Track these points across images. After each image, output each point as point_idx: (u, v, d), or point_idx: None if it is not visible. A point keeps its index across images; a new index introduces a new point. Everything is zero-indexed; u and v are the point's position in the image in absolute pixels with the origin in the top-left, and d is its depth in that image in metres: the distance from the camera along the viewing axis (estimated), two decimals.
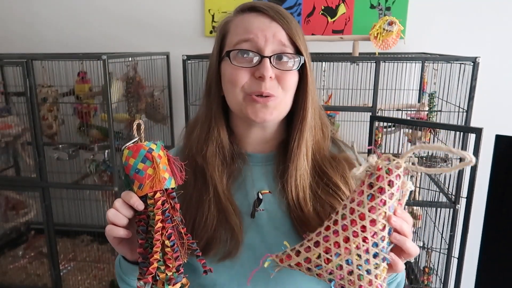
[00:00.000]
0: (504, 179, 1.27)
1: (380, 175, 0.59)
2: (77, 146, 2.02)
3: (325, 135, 0.82)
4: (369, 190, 0.59)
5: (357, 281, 0.59)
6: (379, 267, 0.59)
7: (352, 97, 2.00)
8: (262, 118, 0.74)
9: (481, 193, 1.40)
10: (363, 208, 0.59)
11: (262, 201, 0.79)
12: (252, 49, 0.73)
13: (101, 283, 2.11)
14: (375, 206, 0.58)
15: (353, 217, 0.59)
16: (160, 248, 0.62)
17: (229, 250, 0.74)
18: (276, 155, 0.82)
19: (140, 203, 0.62)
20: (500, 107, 2.03)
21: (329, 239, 0.61)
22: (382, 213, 0.59)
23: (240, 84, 0.73)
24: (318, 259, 0.61)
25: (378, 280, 0.60)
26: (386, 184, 0.58)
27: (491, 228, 1.31)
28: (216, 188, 0.77)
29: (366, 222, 0.59)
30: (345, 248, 0.59)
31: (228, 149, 0.80)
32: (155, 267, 0.61)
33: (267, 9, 0.74)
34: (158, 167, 0.62)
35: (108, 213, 0.63)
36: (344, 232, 0.60)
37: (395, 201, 0.60)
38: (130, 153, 0.63)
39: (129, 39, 2.25)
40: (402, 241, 0.60)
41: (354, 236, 0.59)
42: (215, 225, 0.75)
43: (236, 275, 0.75)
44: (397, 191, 0.59)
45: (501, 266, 1.31)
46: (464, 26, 2.00)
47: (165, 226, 0.62)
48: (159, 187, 0.62)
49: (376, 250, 0.59)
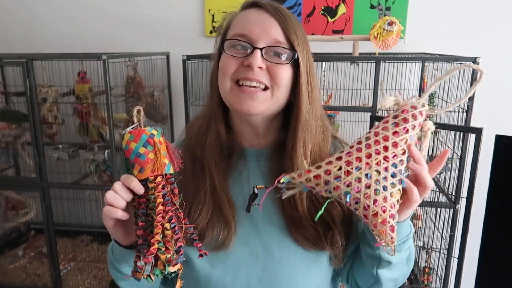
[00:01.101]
0: (504, 179, 1.27)
1: (405, 109, 0.64)
2: (77, 146, 2.02)
3: (326, 138, 0.82)
4: (394, 120, 0.64)
5: (373, 195, 0.62)
6: (395, 186, 0.62)
7: (352, 97, 2.00)
8: (247, 109, 0.74)
9: (481, 193, 1.40)
10: (387, 131, 0.63)
11: (257, 195, 0.80)
12: (246, 40, 0.74)
13: (101, 283, 2.11)
14: (399, 132, 0.63)
15: (377, 138, 0.64)
16: (161, 229, 0.62)
17: (222, 240, 0.75)
18: (272, 151, 0.82)
19: (140, 186, 0.63)
20: (500, 107, 2.03)
21: (351, 154, 0.64)
22: (404, 139, 0.63)
23: (229, 72, 0.75)
24: (338, 171, 0.63)
25: (393, 198, 0.63)
26: (410, 116, 0.63)
27: (491, 228, 1.31)
28: (213, 179, 0.78)
29: (389, 143, 0.62)
30: (366, 163, 0.62)
31: (226, 143, 0.81)
32: (156, 247, 0.61)
33: (266, 5, 0.76)
34: (159, 152, 0.63)
35: (107, 194, 0.64)
36: (367, 149, 0.63)
37: (416, 135, 0.64)
38: (132, 137, 0.64)
39: (129, 39, 2.25)
40: (419, 170, 0.63)
41: (376, 153, 0.63)
42: (210, 215, 0.76)
43: (230, 268, 0.76)
44: (419, 126, 0.64)
45: (501, 266, 1.31)
46: (464, 26, 2.00)
47: (166, 209, 0.63)
48: (160, 172, 0.64)
49: (395, 170, 0.62)
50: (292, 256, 0.76)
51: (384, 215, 0.62)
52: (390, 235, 0.63)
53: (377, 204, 0.62)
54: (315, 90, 0.79)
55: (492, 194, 1.29)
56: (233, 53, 0.75)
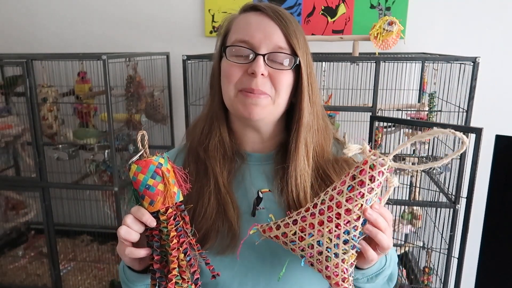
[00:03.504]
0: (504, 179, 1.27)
1: (364, 169, 0.62)
2: (77, 146, 2.02)
3: (327, 138, 0.82)
4: (351, 182, 0.63)
5: (324, 261, 0.64)
6: (347, 252, 0.64)
7: (352, 97, 2.00)
8: (250, 114, 0.74)
9: (481, 193, 1.40)
10: (341, 197, 0.63)
11: (262, 199, 0.79)
12: (248, 46, 0.74)
13: (101, 283, 2.11)
14: (353, 197, 0.62)
15: (331, 203, 0.64)
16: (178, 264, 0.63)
17: (226, 244, 0.75)
18: (275, 155, 0.82)
19: (152, 219, 0.63)
20: (500, 107, 2.03)
21: (306, 219, 0.66)
22: (358, 204, 0.62)
23: (234, 80, 0.75)
24: (293, 235, 0.66)
25: (345, 264, 0.64)
26: (367, 178, 0.62)
27: (491, 228, 1.31)
28: (217, 180, 0.78)
29: (341, 210, 0.63)
30: (318, 230, 0.64)
31: (229, 146, 0.81)
32: (174, 282, 0.62)
33: (266, 9, 0.75)
34: (169, 182, 0.62)
35: (120, 230, 0.63)
36: (320, 215, 0.64)
37: (374, 195, 0.63)
38: (139, 169, 0.62)
39: (129, 39, 2.25)
40: (374, 233, 0.63)
41: (328, 221, 0.63)
42: (214, 217, 0.76)
43: (237, 274, 0.75)
44: (377, 187, 0.63)
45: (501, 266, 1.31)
46: (464, 26, 2.00)
47: (180, 241, 0.63)
48: (171, 203, 0.63)
49: (347, 237, 0.63)
50: (298, 260, 0.76)
51: (336, 278, 0.64)
52: None
53: (329, 269, 0.64)
54: (316, 91, 0.79)
55: (492, 194, 1.29)
56: (235, 59, 0.75)
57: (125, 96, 2.01)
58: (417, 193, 1.86)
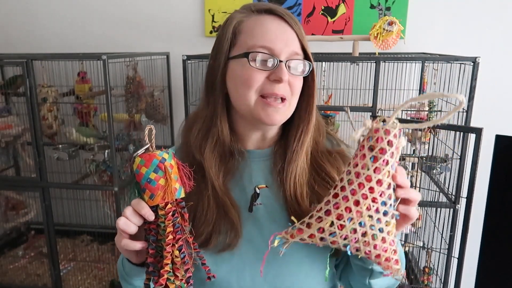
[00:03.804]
0: (504, 179, 1.27)
1: (379, 136, 0.61)
2: (77, 146, 2.02)
3: (321, 132, 0.85)
4: (371, 153, 0.61)
5: (371, 240, 0.61)
6: (389, 224, 0.62)
7: (352, 97, 2.00)
8: (272, 121, 0.76)
9: (481, 193, 1.40)
10: (368, 170, 0.61)
11: (259, 195, 0.80)
12: (270, 53, 0.74)
13: (101, 283, 2.11)
14: (379, 167, 0.60)
15: (360, 180, 0.61)
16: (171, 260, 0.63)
17: (228, 242, 0.76)
18: (274, 151, 0.83)
19: (151, 213, 0.63)
20: (500, 107, 2.03)
21: (339, 205, 0.62)
22: (386, 172, 0.61)
23: (255, 86, 0.75)
24: (331, 227, 0.62)
25: (391, 236, 0.62)
26: (386, 144, 0.60)
27: (491, 228, 1.31)
28: (214, 183, 0.79)
29: (373, 183, 0.61)
30: (356, 211, 0.61)
31: (228, 146, 0.81)
32: (166, 278, 0.62)
33: (284, 14, 0.76)
34: (170, 178, 0.63)
35: (119, 221, 0.64)
36: (353, 196, 0.61)
37: (395, 159, 0.62)
38: (143, 162, 0.63)
39: (129, 39, 2.25)
40: (407, 193, 0.63)
41: (364, 198, 0.61)
42: (215, 219, 0.77)
43: (235, 268, 0.76)
44: (396, 149, 0.61)
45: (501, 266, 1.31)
46: (464, 26, 2.00)
47: (176, 237, 0.63)
48: (171, 199, 0.63)
49: (385, 208, 0.61)
50: (295, 253, 0.76)
51: (386, 254, 0.63)
52: (396, 267, 0.64)
53: (377, 247, 0.62)
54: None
55: (492, 194, 1.29)
56: (258, 66, 0.74)
57: (125, 96, 2.01)
58: None
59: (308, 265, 0.77)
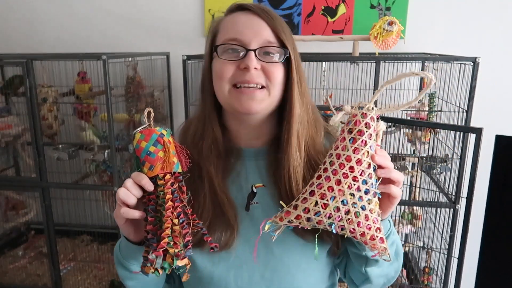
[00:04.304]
0: (504, 179, 1.27)
1: (357, 120, 0.66)
2: (77, 146, 2.02)
3: (318, 130, 0.85)
4: (350, 135, 0.66)
5: (354, 218, 0.64)
6: (371, 202, 0.65)
7: (352, 97, 2.00)
8: (247, 109, 0.76)
9: (481, 193, 1.40)
10: (347, 151, 0.65)
11: (256, 194, 0.81)
12: (239, 43, 0.76)
13: (101, 283, 2.11)
14: (358, 147, 0.65)
15: (340, 161, 0.65)
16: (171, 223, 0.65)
17: (225, 241, 0.76)
18: (269, 149, 0.84)
19: (150, 184, 0.66)
20: (500, 107, 2.03)
21: (322, 185, 0.66)
22: (365, 152, 0.65)
23: (227, 77, 0.76)
24: (315, 206, 0.65)
25: (373, 214, 0.65)
26: (364, 126, 0.65)
27: (491, 228, 1.31)
28: (212, 182, 0.79)
29: (353, 163, 0.64)
30: (338, 190, 0.64)
31: (222, 144, 0.82)
32: (166, 241, 0.63)
33: (252, 7, 0.78)
34: (169, 151, 0.66)
35: (119, 192, 0.66)
36: (335, 176, 0.65)
37: (373, 141, 0.66)
38: (143, 136, 0.66)
39: (129, 39, 2.25)
40: (387, 173, 0.66)
41: (345, 177, 0.64)
42: (211, 218, 0.77)
43: (232, 266, 0.77)
44: (374, 132, 0.66)
45: (501, 266, 1.31)
46: (464, 26, 2.00)
47: (174, 205, 0.66)
48: (169, 169, 0.66)
49: (366, 186, 0.65)
50: (292, 251, 0.77)
51: (370, 232, 0.65)
52: (382, 246, 0.66)
53: (361, 225, 0.64)
54: (304, 83, 0.81)
55: (492, 194, 1.29)
56: (227, 57, 0.76)
57: (125, 96, 2.01)
58: (417, 193, 1.86)
59: (305, 263, 0.77)
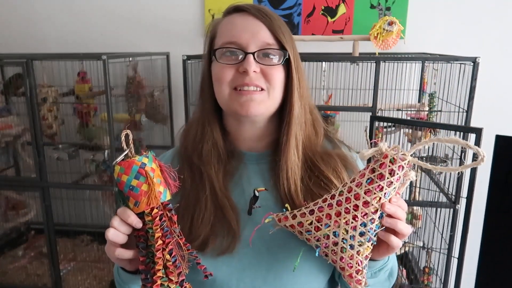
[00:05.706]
0: (504, 179, 1.27)
1: (384, 162, 0.62)
2: (77, 146, 2.02)
3: (317, 131, 0.84)
4: (370, 174, 0.63)
5: (339, 252, 0.64)
6: (363, 245, 0.64)
7: (352, 97, 2.00)
8: (248, 111, 0.75)
9: (481, 193, 1.40)
10: (360, 189, 0.63)
11: (258, 198, 0.80)
12: (237, 47, 0.75)
13: (101, 283, 2.11)
14: (371, 190, 0.62)
15: (349, 195, 0.64)
16: (162, 265, 0.62)
17: (226, 245, 0.75)
18: (270, 153, 0.83)
19: (138, 221, 0.62)
20: (500, 107, 2.03)
21: (323, 210, 0.66)
22: (377, 197, 0.62)
23: (226, 80, 0.76)
24: (310, 225, 0.66)
25: (360, 256, 0.64)
26: (387, 172, 0.62)
27: (491, 228, 1.31)
28: (213, 185, 0.78)
29: (359, 202, 0.63)
30: (335, 221, 0.64)
31: (223, 147, 0.82)
32: (159, 284, 0.61)
33: (249, 8, 0.77)
34: (152, 183, 0.61)
35: (107, 233, 0.63)
36: (337, 206, 0.64)
37: (393, 189, 0.63)
38: (122, 170, 0.61)
39: (129, 39, 2.25)
40: (393, 224, 0.64)
41: (346, 212, 0.63)
42: (212, 222, 0.77)
43: (234, 271, 0.76)
44: (396, 181, 0.62)
45: (501, 266, 1.31)
46: (464, 26, 2.00)
47: (166, 241, 0.62)
48: (156, 203, 0.61)
49: (364, 229, 0.63)
50: (295, 256, 0.76)
51: (350, 270, 0.65)
52: (357, 286, 0.66)
53: (343, 260, 0.64)
54: (304, 84, 0.81)
55: (492, 194, 1.29)
56: (225, 61, 0.76)
57: (125, 96, 2.01)
58: (417, 193, 1.86)
59: (308, 267, 0.76)
